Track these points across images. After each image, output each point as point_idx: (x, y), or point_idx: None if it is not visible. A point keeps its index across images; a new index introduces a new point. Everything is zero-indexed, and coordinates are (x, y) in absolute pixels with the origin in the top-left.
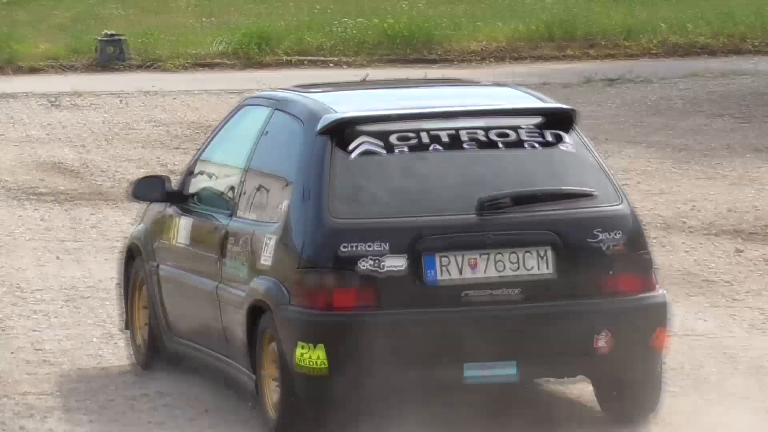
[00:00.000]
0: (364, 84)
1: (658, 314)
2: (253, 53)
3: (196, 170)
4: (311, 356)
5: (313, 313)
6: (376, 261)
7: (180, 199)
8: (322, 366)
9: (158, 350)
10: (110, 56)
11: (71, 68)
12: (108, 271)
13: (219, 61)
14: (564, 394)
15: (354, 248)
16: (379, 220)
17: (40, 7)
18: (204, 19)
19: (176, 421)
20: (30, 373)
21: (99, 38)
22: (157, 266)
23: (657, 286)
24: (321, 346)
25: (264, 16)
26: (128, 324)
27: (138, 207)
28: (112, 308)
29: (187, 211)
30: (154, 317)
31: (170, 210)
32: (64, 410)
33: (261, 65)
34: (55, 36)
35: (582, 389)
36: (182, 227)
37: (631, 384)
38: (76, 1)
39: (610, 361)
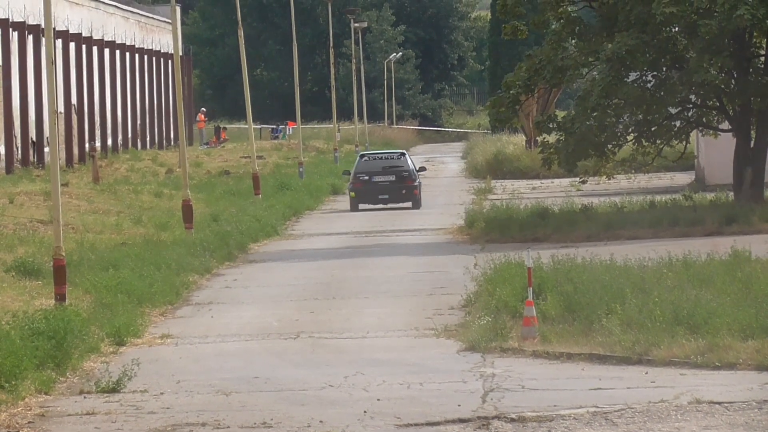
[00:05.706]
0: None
1: (414, 186)
2: None
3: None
4: (352, 193)
5: (353, 187)
6: (364, 177)
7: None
8: (354, 195)
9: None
10: None
11: None
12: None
13: None
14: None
15: (361, 176)
16: (366, 171)
17: None
18: None
19: None
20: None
21: None
22: None
23: (417, 181)
24: (354, 192)
25: None
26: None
27: None
28: None
29: None
30: None
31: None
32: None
33: None
34: None
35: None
36: None
37: (416, 201)
38: None
39: (411, 198)
